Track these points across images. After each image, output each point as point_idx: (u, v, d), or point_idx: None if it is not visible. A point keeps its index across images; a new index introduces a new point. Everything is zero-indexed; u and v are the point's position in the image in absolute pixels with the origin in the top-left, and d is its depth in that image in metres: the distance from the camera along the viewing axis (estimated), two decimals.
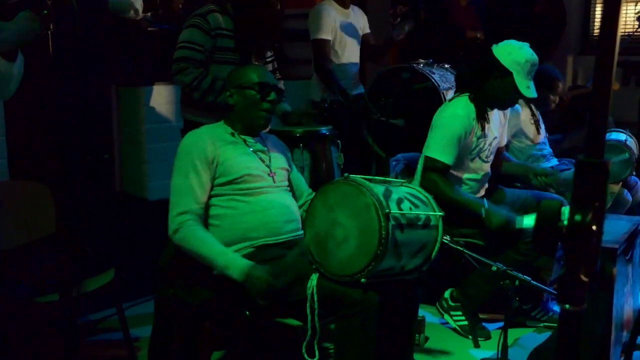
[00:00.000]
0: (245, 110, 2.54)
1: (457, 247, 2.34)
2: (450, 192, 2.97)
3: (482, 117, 3.08)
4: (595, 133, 0.96)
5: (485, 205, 2.96)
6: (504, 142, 3.41)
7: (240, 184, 2.45)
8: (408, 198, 2.26)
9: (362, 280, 2.09)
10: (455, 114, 3.03)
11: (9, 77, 2.06)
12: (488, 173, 3.25)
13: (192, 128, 2.79)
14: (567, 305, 0.97)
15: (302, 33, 4.48)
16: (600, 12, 6.22)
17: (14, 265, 2.66)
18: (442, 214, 2.29)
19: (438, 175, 2.99)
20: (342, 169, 3.54)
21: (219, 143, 2.48)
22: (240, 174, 2.45)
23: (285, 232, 2.48)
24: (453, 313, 3.18)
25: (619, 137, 3.81)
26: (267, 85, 2.54)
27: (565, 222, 0.96)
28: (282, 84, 3.40)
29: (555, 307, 3.30)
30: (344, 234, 2.14)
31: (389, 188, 2.26)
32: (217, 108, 3.09)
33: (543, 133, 3.99)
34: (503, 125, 3.34)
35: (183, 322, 2.48)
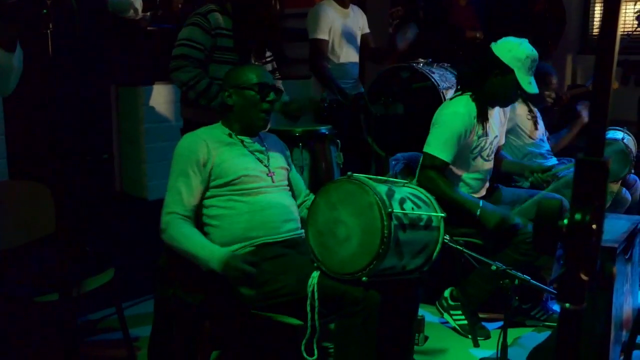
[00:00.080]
0: (245, 111, 2.54)
1: (456, 246, 2.34)
2: (447, 190, 2.96)
3: (483, 115, 3.08)
4: (595, 132, 0.96)
5: (480, 205, 2.96)
6: (504, 140, 3.42)
7: (238, 185, 2.45)
8: (410, 198, 2.26)
9: (363, 279, 2.10)
10: (456, 112, 3.03)
11: (9, 68, 2.04)
12: (489, 172, 3.25)
13: (191, 127, 2.79)
14: (567, 304, 0.97)
15: (302, 33, 4.48)
16: (600, 11, 6.26)
17: (14, 265, 2.66)
18: (443, 215, 2.29)
19: (436, 173, 2.98)
20: (341, 169, 3.54)
21: (215, 145, 2.48)
22: (237, 175, 2.45)
23: (284, 231, 2.48)
24: (453, 312, 3.18)
25: (615, 135, 3.81)
26: (266, 86, 2.54)
27: (565, 221, 0.96)
28: (280, 84, 3.39)
29: (555, 306, 3.30)
30: (346, 233, 2.14)
31: (392, 188, 2.26)
32: (216, 107, 3.08)
33: (541, 130, 3.99)
34: (503, 124, 3.34)
35: (183, 321, 2.48)
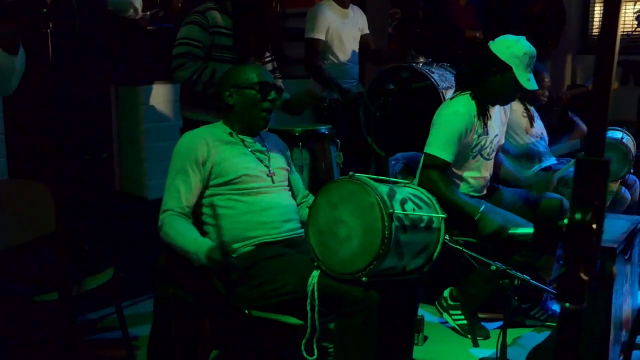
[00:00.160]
0: (245, 110, 2.54)
1: (456, 246, 2.34)
2: (447, 191, 2.93)
3: (483, 114, 3.08)
4: (596, 132, 0.96)
5: (481, 209, 2.88)
6: (503, 140, 3.41)
7: (239, 184, 2.45)
8: (411, 199, 2.26)
9: (363, 279, 2.10)
10: (456, 112, 3.03)
11: (11, 70, 2.04)
12: (490, 171, 3.25)
13: (191, 126, 2.79)
14: (567, 304, 0.97)
15: (302, 32, 4.48)
16: (599, 11, 6.26)
17: (13, 264, 2.66)
18: (444, 216, 2.29)
19: (437, 173, 2.98)
20: (341, 168, 3.54)
21: (216, 144, 2.47)
22: (238, 175, 2.45)
23: (284, 231, 2.47)
24: (452, 312, 3.18)
25: (615, 135, 3.81)
26: (267, 85, 2.54)
27: (566, 220, 0.96)
28: (281, 83, 3.40)
29: (555, 306, 3.30)
30: (347, 232, 2.14)
31: (393, 188, 2.26)
32: (217, 103, 3.08)
33: (539, 129, 3.98)
34: (504, 123, 3.33)
35: (182, 321, 2.48)
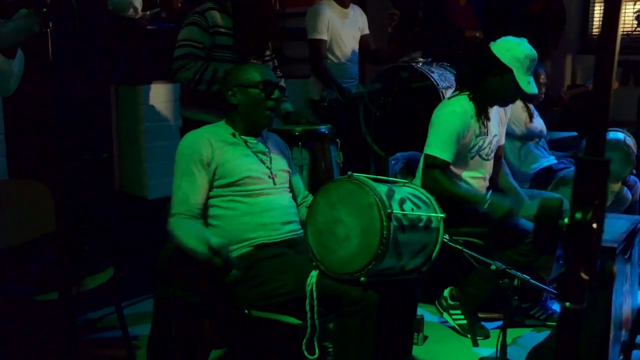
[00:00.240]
0: (249, 109, 2.53)
1: (456, 245, 2.34)
2: (452, 187, 2.98)
3: (481, 115, 3.08)
4: (596, 131, 0.96)
5: (487, 198, 2.96)
6: (503, 141, 3.41)
7: (241, 186, 2.44)
8: (410, 199, 2.26)
9: (361, 279, 2.10)
10: (454, 111, 3.03)
11: (9, 74, 2.07)
12: (489, 171, 3.25)
13: (191, 126, 2.79)
14: (567, 303, 0.97)
15: (301, 32, 4.48)
16: (599, 11, 6.24)
17: (13, 264, 2.66)
18: (443, 216, 2.29)
19: (439, 172, 2.99)
20: (341, 168, 3.54)
21: (219, 144, 2.46)
22: (241, 176, 2.44)
23: (284, 232, 2.47)
24: (452, 312, 3.18)
25: (617, 136, 3.81)
26: (270, 83, 2.53)
27: (566, 220, 0.96)
28: (282, 82, 3.40)
29: (554, 306, 3.30)
30: (346, 232, 2.14)
31: (392, 188, 2.26)
32: (219, 102, 3.08)
33: (539, 125, 3.98)
34: (503, 124, 3.33)
35: (182, 320, 2.48)
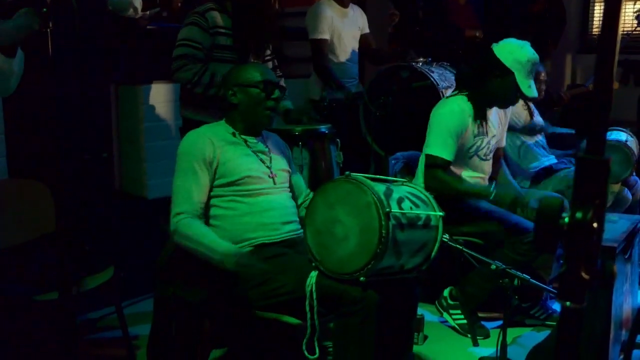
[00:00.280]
0: (250, 109, 2.53)
1: (456, 245, 2.34)
2: (456, 183, 3.00)
3: (480, 115, 3.09)
4: (596, 130, 0.96)
5: (492, 189, 2.99)
6: (503, 143, 3.41)
7: (241, 186, 2.44)
8: (409, 197, 2.26)
9: (361, 279, 2.10)
10: (452, 110, 3.04)
11: (9, 73, 2.07)
12: (488, 171, 3.25)
13: (190, 126, 2.79)
14: (567, 303, 0.97)
15: (301, 31, 4.48)
16: (599, 10, 6.23)
17: (13, 264, 2.66)
18: (442, 214, 2.29)
19: (441, 172, 3.00)
20: (341, 168, 3.54)
21: (220, 143, 2.46)
22: (241, 176, 2.44)
23: (284, 232, 2.47)
24: (452, 312, 3.18)
25: (619, 136, 3.80)
26: (270, 83, 2.53)
27: (566, 219, 0.96)
28: (283, 82, 3.40)
29: (554, 305, 3.31)
30: (344, 232, 2.14)
31: (390, 187, 2.26)
32: (218, 103, 3.09)
33: (539, 122, 3.98)
34: (503, 125, 3.33)
35: (182, 320, 2.48)
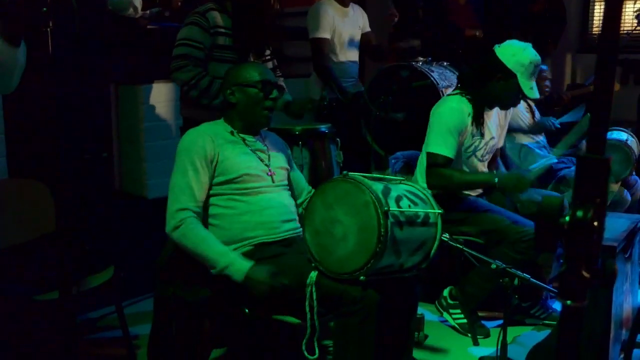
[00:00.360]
0: (248, 109, 2.53)
1: (456, 244, 2.34)
2: (458, 176, 3.01)
3: (479, 115, 3.08)
4: (597, 130, 0.96)
5: (495, 175, 3.05)
6: (501, 143, 3.40)
7: (239, 184, 2.44)
8: (407, 196, 2.26)
9: (361, 278, 2.09)
10: (452, 108, 3.04)
11: (13, 65, 2.02)
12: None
13: (191, 126, 2.78)
14: (568, 302, 0.97)
15: (301, 31, 4.48)
16: (599, 10, 6.23)
17: (13, 264, 2.66)
18: (440, 212, 2.29)
19: (442, 169, 2.99)
20: (341, 167, 3.54)
21: (219, 141, 2.46)
22: (239, 174, 2.44)
23: (283, 231, 2.48)
24: (452, 311, 3.17)
25: (620, 136, 3.81)
26: (269, 83, 2.54)
27: (567, 218, 0.96)
28: (282, 81, 3.40)
29: (555, 305, 3.31)
30: (343, 232, 2.14)
31: (388, 186, 2.26)
32: (215, 106, 3.09)
33: (539, 121, 3.99)
34: (502, 127, 3.32)
35: (182, 320, 2.48)
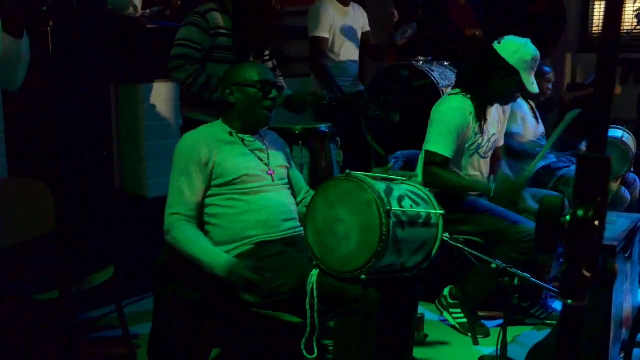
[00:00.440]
0: (247, 109, 2.53)
1: (456, 244, 2.34)
2: (454, 179, 3.00)
3: (480, 113, 3.08)
4: (597, 129, 0.96)
5: (491, 184, 3.01)
6: (502, 141, 3.40)
7: (239, 184, 2.45)
8: (409, 196, 2.26)
9: (362, 277, 2.10)
10: (453, 107, 3.04)
11: (17, 58, 2.00)
12: (487, 170, 3.25)
13: (191, 126, 2.79)
14: (569, 301, 0.97)
15: (301, 31, 4.48)
16: (599, 9, 6.23)
17: (14, 263, 2.66)
18: (442, 212, 2.29)
19: (438, 168, 2.99)
20: (341, 167, 3.54)
21: (216, 144, 2.47)
22: (239, 175, 2.45)
23: (283, 229, 2.48)
24: (452, 310, 3.18)
25: (615, 133, 3.81)
26: (268, 83, 2.54)
27: (568, 217, 0.96)
28: (282, 80, 3.40)
29: (555, 304, 3.31)
30: (345, 231, 2.14)
31: (390, 185, 2.26)
32: (215, 105, 3.09)
33: (541, 128, 4.00)
34: (502, 123, 3.32)
35: (182, 319, 2.48)
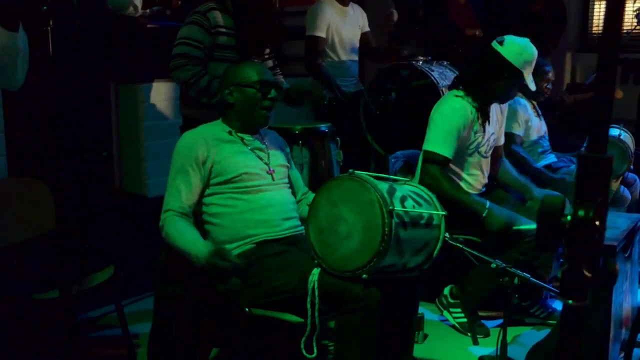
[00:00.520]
0: (246, 109, 2.53)
1: (456, 244, 2.34)
2: (452, 189, 2.96)
3: (480, 112, 3.08)
4: (598, 128, 0.96)
5: (487, 206, 2.94)
6: (502, 141, 3.40)
7: (238, 183, 2.45)
8: (412, 196, 2.26)
9: (363, 276, 2.10)
10: (453, 107, 3.04)
11: (14, 51, 1.98)
12: (487, 169, 3.25)
13: (191, 125, 2.79)
14: (569, 301, 0.97)
15: (301, 31, 4.48)
16: (599, 9, 6.23)
17: (14, 263, 2.66)
18: (444, 214, 2.29)
19: (438, 169, 2.98)
20: (341, 166, 3.54)
21: (215, 142, 2.47)
22: (238, 173, 2.45)
23: (284, 229, 2.48)
24: (452, 310, 3.18)
25: (612, 132, 3.82)
26: (267, 83, 2.54)
27: (569, 217, 0.96)
28: (282, 78, 3.41)
29: (554, 304, 3.31)
30: (347, 230, 2.14)
31: (393, 186, 2.26)
32: (215, 105, 3.09)
33: (544, 128, 4.01)
34: (501, 122, 3.33)
35: (182, 319, 2.48)
